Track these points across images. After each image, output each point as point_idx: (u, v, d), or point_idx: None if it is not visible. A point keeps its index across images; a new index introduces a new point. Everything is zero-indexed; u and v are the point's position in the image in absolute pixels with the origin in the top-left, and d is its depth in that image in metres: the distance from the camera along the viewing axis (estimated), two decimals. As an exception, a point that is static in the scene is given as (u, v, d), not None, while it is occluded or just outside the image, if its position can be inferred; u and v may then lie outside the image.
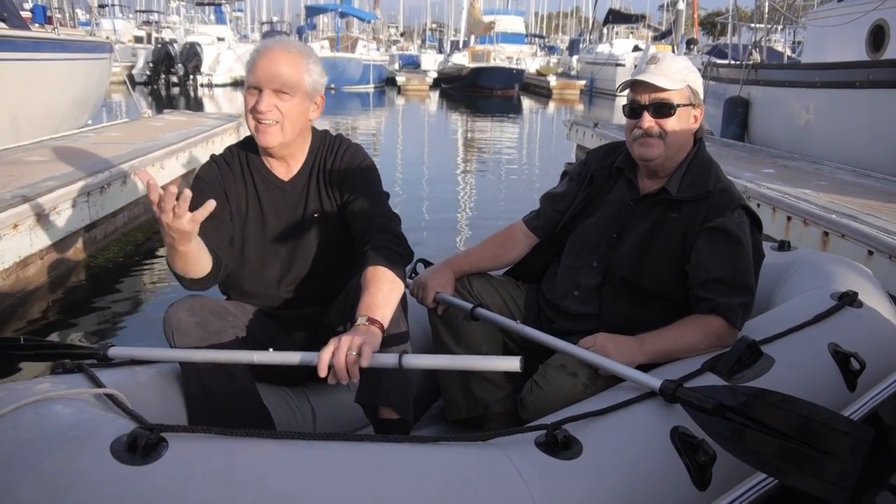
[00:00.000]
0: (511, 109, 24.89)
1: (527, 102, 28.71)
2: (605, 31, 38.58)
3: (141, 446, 1.33)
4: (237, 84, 27.37)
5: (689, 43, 20.49)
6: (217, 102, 22.25)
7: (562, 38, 61.24)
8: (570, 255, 2.29)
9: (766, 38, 11.42)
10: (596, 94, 31.13)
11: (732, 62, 10.90)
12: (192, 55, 27.62)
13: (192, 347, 1.84)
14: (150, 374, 1.88)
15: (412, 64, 43.92)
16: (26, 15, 8.88)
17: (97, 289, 4.43)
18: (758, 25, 11.39)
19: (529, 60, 38.07)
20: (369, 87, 32.10)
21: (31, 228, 4.05)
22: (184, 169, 6.53)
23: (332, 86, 27.20)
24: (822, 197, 4.97)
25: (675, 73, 2.10)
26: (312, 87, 2.02)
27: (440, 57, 42.76)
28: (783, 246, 2.99)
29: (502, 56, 33.30)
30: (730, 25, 13.10)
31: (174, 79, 28.05)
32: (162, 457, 1.34)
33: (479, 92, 29.77)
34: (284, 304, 2.15)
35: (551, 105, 27.52)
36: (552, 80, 32.66)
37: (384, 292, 1.80)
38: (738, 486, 1.82)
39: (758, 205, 5.01)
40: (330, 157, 2.12)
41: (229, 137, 7.98)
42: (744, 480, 1.83)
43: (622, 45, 33.63)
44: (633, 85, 2.13)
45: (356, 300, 1.80)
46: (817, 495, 1.50)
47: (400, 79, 34.12)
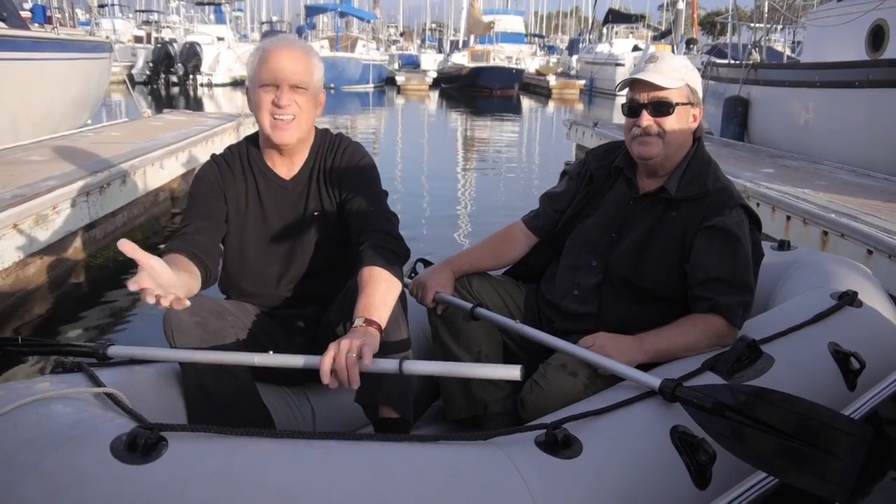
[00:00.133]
0: (511, 109, 24.89)
1: (526, 102, 28.71)
2: (604, 30, 38.57)
3: (141, 445, 1.33)
4: (237, 84, 27.38)
5: (688, 43, 20.47)
6: (217, 102, 22.24)
7: (561, 37, 61.23)
8: (569, 254, 2.29)
9: (766, 37, 11.42)
10: (595, 93, 31.14)
11: (732, 62, 10.90)
12: (191, 55, 27.63)
13: (191, 347, 1.84)
14: (150, 374, 1.87)
15: (412, 63, 43.94)
16: (26, 15, 8.89)
17: (97, 288, 4.43)
18: (757, 25, 11.38)
19: (529, 60, 38.08)
20: (369, 87, 32.10)
21: (31, 228, 4.04)
22: (183, 168, 6.53)
23: (332, 85, 27.20)
24: (821, 196, 4.97)
25: (674, 72, 2.10)
26: (318, 85, 2.05)
27: (440, 56, 42.79)
28: (783, 245, 2.99)
29: (502, 56, 33.30)
30: (729, 25, 13.10)
31: (174, 78, 28.06)
32: (162, 456, 1.34)
33: (479, 91, 29.77)
34: (284, 302, 2.15)
35: (551, 105, 27.53)
36: (552, 80, 32.68)
37: (381, 292, 1.80)
38: (739, 485, 1.82)
39: (757, 204, 5.01)
40: (330, 156, 2.12)
41: (229, 137, 7.98)
42: (744, 479, 1.83)
43: (622, 45, 33.64)
44: (631, 84, 2.14)
45: (355, 299, 1.80)
46: (817, 494, 1.50)
47: (399, 78, 34.13)
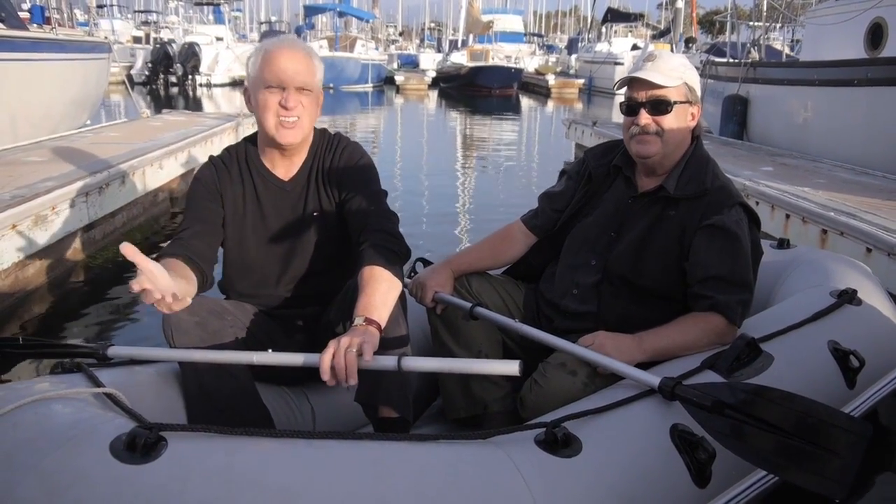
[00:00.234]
0: (510, 108, 24.89)
1: (525, 101, 28.71)
2: (603, 29, 38.54)
3: (140, 445, 1.33)
4: (236, 84, 27.36)
5: (687, 41, 20.50)
6: (216, 102, 22.24)
7: (560, 36, 61.21)
8: (568, 253, 2.29)
9: (765, 36, 11.42)
10: (594, 92, 31.13)
11: (731, 60, 10.90)
12: (190, 55, 27.60)
13: (191, 347, 1.84)
14: (150, 374, 1.88)
15: (411, 63, 43.94)
16: (24, 15, 8.88)
17: (96, 289, 4.43)
18: (756, 24, 11.39)
19: (528, 59, 38.06)
20: (368, 87, 32.10)
21: (30, 229, 4.04)
22: (182, 169, 6.52)
23: (331, 85, 27.19)
24: (820, 195, 4.97)
25: (672, 71, 2.10)
26: (320, 86, 2.06)
27: (439, 56, 42.76)
28: (782, 244, 2.99)
29: (501, 55, 33.27)
30: (728, 24, 13.11)
31: (173, 79, 28.03)
32: (161, 456, 1.34)
33: (478, 91, 29.75)
34: (283, 303, 2.15)
35: (550, 104, 27.53)
36: (551, 79, 32.68)
37: (381, 292, 1.80)
38: (738, 484, 1.82)
39: (756, 203, 5.01)
40: (329, 156, 2.12)
41: (228, 137, 7.98)
42: (744, 477, 1.83)
43: (621, 44, 33.63)
44: (630, 82, 2.14)
45: (355, 299, 1.80)
46: (817, 491, 1.50)
47: (398, 78, 34.12)
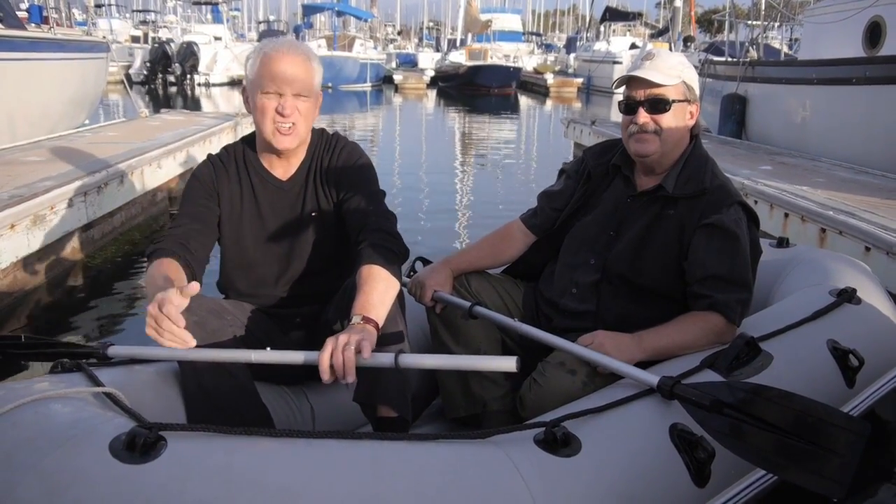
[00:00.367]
0: (508, 107, 24.89)
1: (524, 100, 28.71)
2: (602, 28, 38.53)
3: (140, 445, 1.33)
4: (234, 83, 27.35)
5: (686, 40, 20.51)
6: (214, 102, 22.22)
7: (559, 35, 61.26)
8: (567, 252, 2.29)
9: (763, 35, 11.42)
10: (593, 91, 31.14)
11: (729, 59, 10.91)
12: (189, 55, 27.58)
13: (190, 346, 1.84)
14: (149, 373, 1.87)
15: (409, 62, 43.94)
16: (23, 15, 8.87)
17: (95, 288, 4.42)
18: (755, 22, 11.38)
19: (526, 58, 38.12)
20: (366, 86, 32.09)
21: (29, 228, 4.04)
22: (181, 168, 6.52)
23: (330, 85, 27.17)
24: (819, 194, 4.98)
25: (670, 69, 2.10)
26: (318, 89, 2.06)
27: (437, 55, 42.77)
28: (782, 243, 2.99)
29: (499, 54, 33.30)
30: (727, 22, 13.09)
31: (171, 78, 28.00)
32: (161, 455, 1.34)
33: (477, 90, 29.76)
34: (282, 302, 2.15)
35: (548, 103, 27.53)
36: (549, 78, 32.70)
37: (379, 291, 1.80)
38: (738, 483, 1.82)
39: (755, 202, 5.01)
40: (327, 156, 2.12)
41: (226, 136, 7.98)
42: (743, 477, 1.83)
43: (619, 43, 33.64)
44: (628, 81, 2.14)
45: (353, 298, 1.80)
46: (816, 490, 1.50)
47: (397, 77, 34.12)
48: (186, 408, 1.86)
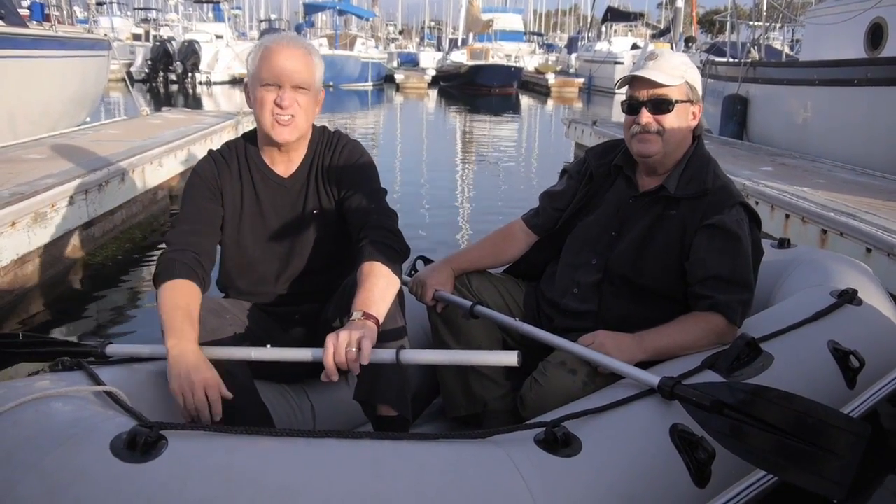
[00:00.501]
0: (510, 107, 24.88)
1: (525, 100, 28.70)
2: (603, 28, 38.56)
3: (140, 444, 1.33)
4: (235, 82, 27.35)
5: (687, 41, 20.47)
6: (215, 100, 22.21)
7: (560, 35, 61.24)
8: (569, 252, 2.29)
9: (765, 36, 11.42)
10: (594, 91, 31.13)
11: (731, 60, 10.90)
12: (190, 53, 27.58)
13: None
14: (149, 372, 1.87)
15: (410, 62, 43.96)
16: (24, 12, 8.86)
17: (95, 286, 4.42)
18: (756, 23, 11.38)
19: (528, 58, 38.10)
20: (368, 85, 32.09)
21: (30, 226, 4.04)
22: (182, 166, 6.52)
23: (331, 83, 27.19)
24: (820, 195, 4.97)
25: (674, 70, 2.10)
26: (319, 84, 2.05)
27: (438, 55, 42.76)
28: (783, 243, 2.99)
29: (501, 54, 33.28)
30: (728, 23, 13.10)
31: (172, 76, 28.01)
32: (161, 454, 1.34)
33: (478, 90, 29.75)
34: (282, 300, 2.15)
35: (550, 103, 27.52)
36: (551, 78, 32.68)
37: (380, 288, 1.81)
38: (738, 483, 1.82)
39: (756, 203, 5.01)
40: (328, 153, 2.12)
41: (227, 135, 7.97)
42: (743, 477, 1.83)
43: (621, 43, 33.65)
44: (631, 81, 2.14)
45: (353, 295, 1.80)
46: (816, 492, 1.50)
47: (398, 76, 34.11)
48: (187, 406, 1.86)
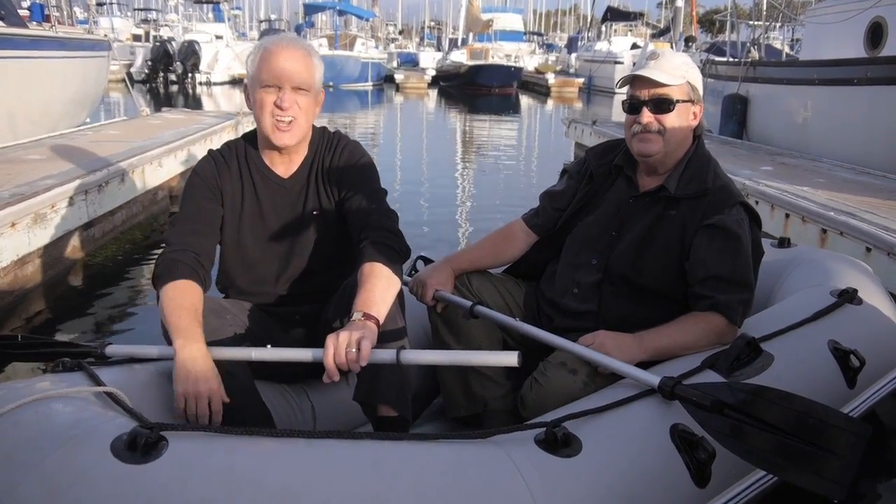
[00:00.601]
0: (509, 107, 24.88)
1: (525, 100, 28.70)
2: (603, 28, 38.55)
3: (141, 445, 1.33)
4: (235, 82, 27.35)
5: (687, 40, 20.46)
6: (215, 100, 22.21)
7: (560, 35, 61.20)
8: (569, 252, 2.29)
9: (765, 35, 11.41)
10: (594, 91, 31.13)
11: (731, 59, 10.90)
12: (190, 53, 27.57)
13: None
14: (149, 373, 1.87)
15: (410, 62, 43.95)
16: (24, 13, 8.86)
17: (95, 287, 4.42)
18: (756, 23, 11.38)
19: (528, 58, 38.11)
20: (368, 85, 32.09)
21: (29, 227, 4.04)
22: (182, 167, 6.52)
23: (331, 84, 27.17)
24: (820, 194, 4.97)
25: (675, 69, 2.10)
26: (319, 85, 2.05)
27: (438, 55, 42.76)
28: (783, 243, 2.99)
29: (500, 54, 33.28)
30: (728, 23, 13.09)
31: (172, 77, 28.00)
32: (162, 455, 1.34)
33: (478, 90, 29.74)
34: (282, 301, 2.15)
35: (550, 103, 27.52)
36: (550, 78, 32.69)
37: (380, 288, 1.81)
38: (738, 483, 1.82)
39: (756, 202, 5.01)
40: (328, 154, 2.12)
41: (227, 135, 7.97)
42: (743, 477, 1.83)
43: (620, 43, 33.65)
44: (632, 80, 2.13)
45: (353, 296, 1.80)
46: (816, 492, 1.50)
47: (398, 77, 34.11)
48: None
